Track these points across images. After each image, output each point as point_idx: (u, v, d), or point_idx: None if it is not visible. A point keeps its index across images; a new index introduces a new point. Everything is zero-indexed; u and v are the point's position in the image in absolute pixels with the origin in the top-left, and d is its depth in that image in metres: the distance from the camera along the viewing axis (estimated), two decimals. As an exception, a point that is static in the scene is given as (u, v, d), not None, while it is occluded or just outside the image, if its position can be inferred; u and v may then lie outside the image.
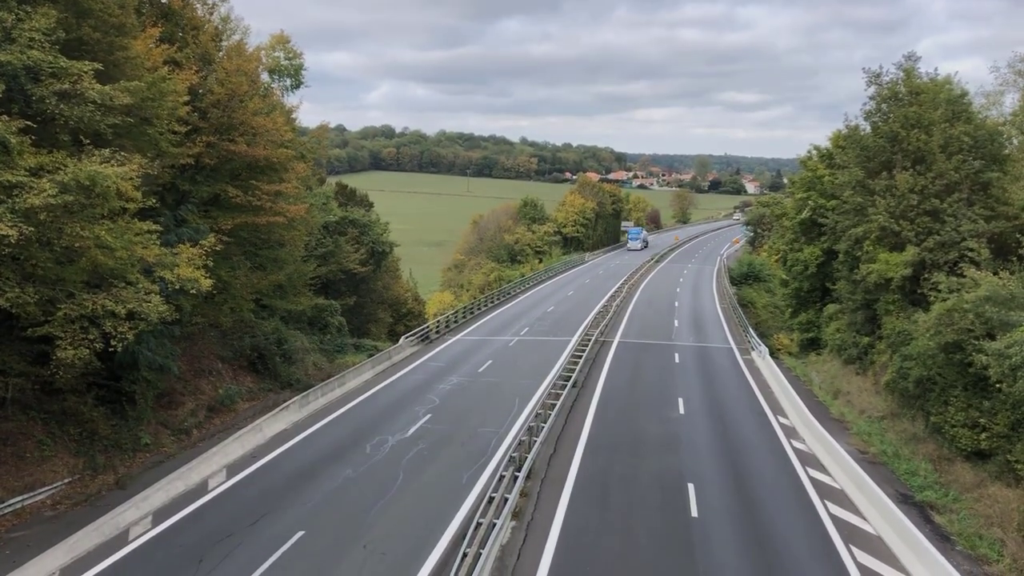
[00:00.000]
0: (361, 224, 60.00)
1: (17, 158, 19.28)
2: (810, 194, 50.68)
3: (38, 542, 20.89)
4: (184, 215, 31.22)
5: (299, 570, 19.66)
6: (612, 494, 24.85)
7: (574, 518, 22.81)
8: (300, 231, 40.71)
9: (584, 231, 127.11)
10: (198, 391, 33.97)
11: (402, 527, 22.30)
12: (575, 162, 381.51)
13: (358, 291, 58.95)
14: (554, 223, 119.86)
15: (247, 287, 36.22)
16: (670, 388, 39.06)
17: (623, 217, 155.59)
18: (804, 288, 53.49)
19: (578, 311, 64.12)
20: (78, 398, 27.66)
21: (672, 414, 34.25)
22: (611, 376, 41.37)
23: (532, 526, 22.22)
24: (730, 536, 21.86)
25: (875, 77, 39.69)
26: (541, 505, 23.77)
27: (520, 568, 19.66)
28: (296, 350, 42.02)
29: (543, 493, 24.74)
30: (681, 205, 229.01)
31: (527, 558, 20.21)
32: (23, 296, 19.29)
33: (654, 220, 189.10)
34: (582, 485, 25.46)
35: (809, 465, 28.08)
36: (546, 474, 26.42)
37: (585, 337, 50.32)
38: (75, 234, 19.62)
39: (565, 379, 38.18)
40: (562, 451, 28.82)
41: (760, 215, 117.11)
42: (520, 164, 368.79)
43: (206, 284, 24.05)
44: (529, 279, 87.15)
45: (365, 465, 27.39)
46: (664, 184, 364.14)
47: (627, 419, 33.30)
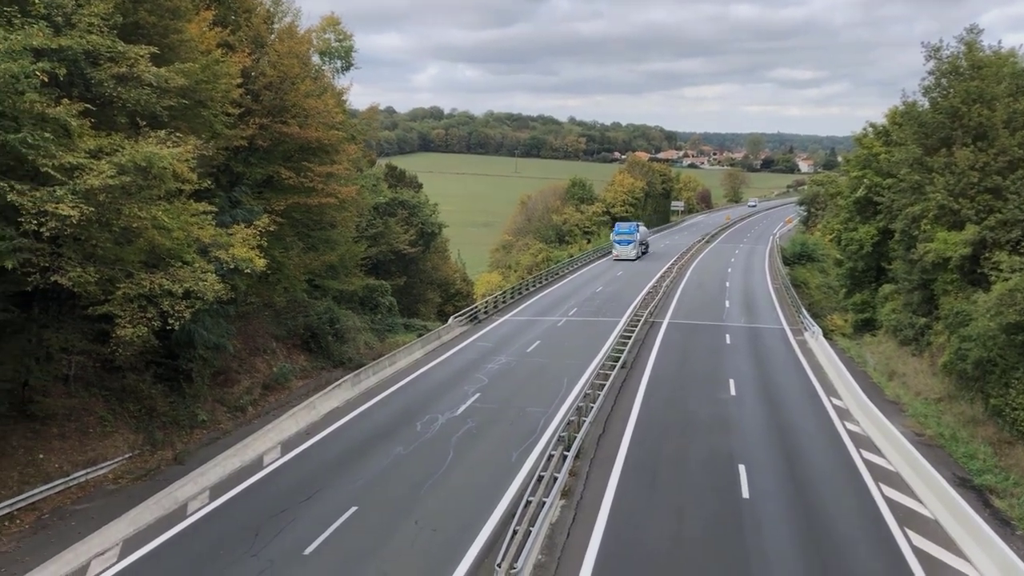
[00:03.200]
0: (410, 205, 60.43)
1: (77, 140, 19.75)
2: (865, 172, 49.63)
3: (101, 514, 21.57)
4: (238, 196, 31.72)
5: (352, 545, 19.99)
6: (662, 475, 24.78)
7: (623, 498, 22.80)
8: (351, 212, 41.14)
9: (633, 211, 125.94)
10: (253, 369, 34.63)
11: (452, 504, 22.53)
12: (624, 141, 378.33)
13: (408, 271, 59.48)
14: (603, 203, 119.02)
15: (300, 267, 36.74)
16: (721, 369, 38.70)
17: (673, 197, 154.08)
18: (859, 268, 52.50)
19: (627, 291, 63.77)
20: (137, 376, 28.40)
21: (723, 395, 33.96)
22: (661, 357, 41.13)
23: (581, 505, 22.28)
24: (782, 518, 21.66)
25: (935, 51, 38.59)
26: (590, 484, 23.80)
27: (570, 546, 19.74)
28: (348, 329, 42.53)
29: (592, 473, 24.76)
30: (732, 184, 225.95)
31: (577, 536, 20.28)
32: (84, 275, 19.80)
33: (704, 199, 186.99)
34: (631, 465, 25.42)
35: (863, 447, 27.65)
36: (595, 454, 26.42)
37: (634, 318, 50.04)
38: (133, 215, 20.06)
39: (614, 360, 38.06)
40: (611, 431, 28.79)
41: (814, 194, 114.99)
42: (568, 144, 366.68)
43: (260, 264, 24.41)
44: (577, 259, 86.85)
45: (416, 443, 27.69)
46: (715, 163, 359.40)
47: (677, 400, 33.11)
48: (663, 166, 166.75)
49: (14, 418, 24.12)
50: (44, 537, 20.47)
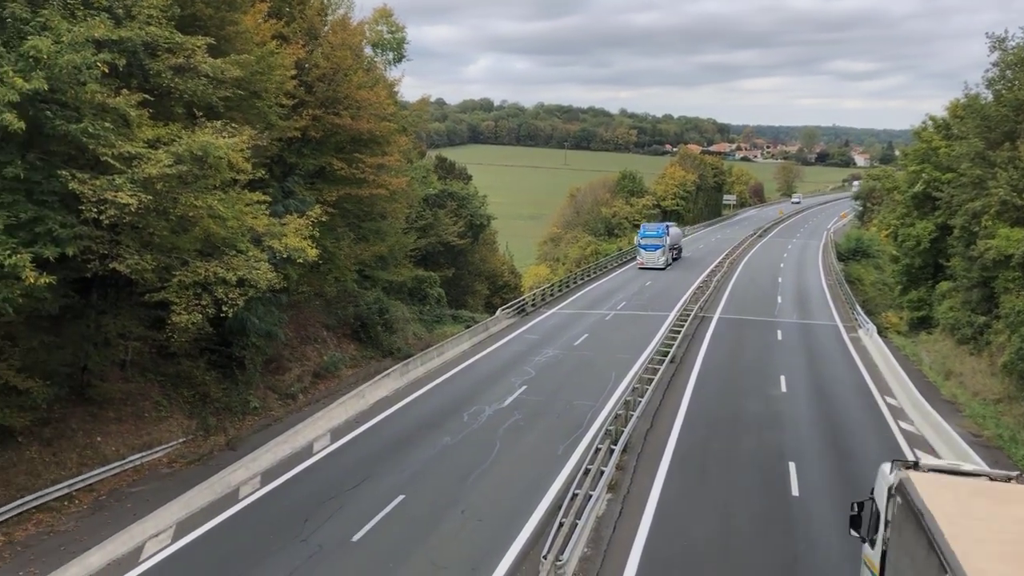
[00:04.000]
0: (460, 197, 60.59)
1: (136, 130, 20.16)
2: (924, 166, 48.42)
3: (156, 497, 22.06)
4: (291, 187, 32.12)
5: (400, 532, 20.16)
6: (710, 471, 24.54)
7: (670, 493, 22.63)
8: (401, 203, 41.43)
9: (684, 204, 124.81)
10: (304, 357, 35.10)
11: (499, 494, 22.59)
12: (676, 134, 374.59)
13: (456, 263, 59.67)
14: (653, 196, 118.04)
15: (351, 257, 37.13)
16: (772, 365, 38.18)
17: (725, 190, 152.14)
18: (915, 264, 51.30)
19: (677, 286, 63.24)
20: (192, 362, 28.98)
21: (773, 392, 33.50)
22: (710, 352, 40.72)
23: (628, 499, 22.17)
24: (832, 517, 21.25)
25: (999, 42, 37.47)
26: (637, 479, 23.67)
27: (616, 540, 19.66)
28: (397, 320, 42.87)
29: (639, 467, 24.62)
30: (786, 178, 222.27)
31: (623, 530, 20.19)
32: (142, 263, 20.23)
33: (757, 193, 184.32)
34: (679, 461, 25.22)
35: (917, 447, 27.06)
36: (642, 448, 26.26)
37: (684, 312, 49.61)
38: (189, 204, 20.42)
39: (663, 354, 37.77)
40: (659, 426, 28.59)
41: (870, 188, 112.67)
42: (619, 136, 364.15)
43: (312, 254, 24.68)
44: (626, 253, 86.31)
45: (463, 433, 27.82)
46: (768, 156, 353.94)
47: (726, 396, 32.75)
48: (715, 159, 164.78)
49: (73, 401, 24.79)
50: (101, 518, 21.01)
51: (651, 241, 75.27)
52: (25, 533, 19.97)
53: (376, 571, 18.22)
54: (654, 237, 75.29)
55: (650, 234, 75.92)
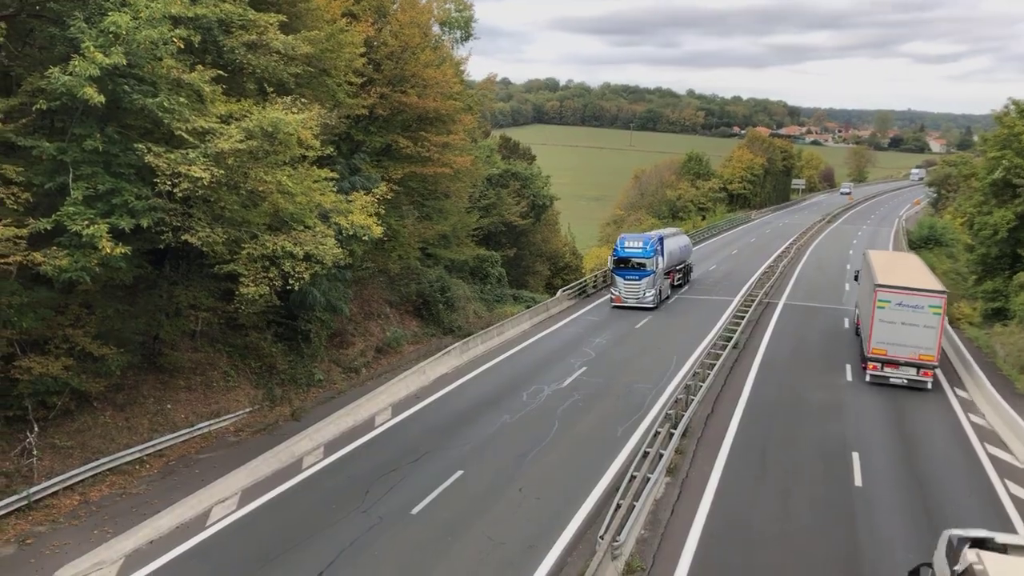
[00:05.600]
0: (523, 177, 60.49)
1: (209, 105, 20.61)
2: (1005, 153, 46.58)
3: (223, 464, 22.70)
4: (358, 164, 32.46)
5: (458, 507, 20.40)
6: (771, 458, 24.22)
7: (730, 479, 22.42)
8: (465, 182, 41.57)
9: (751, 188, 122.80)
10: (367, 332, 35.60)
11: (556, 474, 22.66)
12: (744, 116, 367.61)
13: (518, 243, 59.68)
14: (719, 179, 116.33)
15: (414, 235, 37.46)
16: (837, 354, 37.38)
17: (794, 174, 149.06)
18: (992, 254, 49.46)
19: (742, 270, 62.29)
20: (259, 334, 29.63)
21: (838, 380, 32.84)
22: (775, 339, 40.07)
23: (687, 483, 22.03)
24: (895, 508, 20.86)
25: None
26: (696, 463, 23.50)
27: (673, 523, 19.58)
28: (458, 298, 43.13)
29: (699, 452, 24.43)
30: (857, 163, 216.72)
31: (681, 514, 20.09)
32: (213, 235, 20.72)
33: (827, 178, 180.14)
34: (739, 447, 24.95)
35: (988, 441, 26.28)
36: (702, 433, 26.04)
37: (748, 297, 48.87)
38: (259, 178, 20.81)
39: (726, 339, 37.31)
40: (720, 411, 28.30)
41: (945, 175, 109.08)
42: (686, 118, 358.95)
43: (377, 231, 24.95)
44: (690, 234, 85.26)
45: (521, 412, 27.93)
46: (840, 140, 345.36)
47: (790, 383, 32.22)
48: (784, 142, 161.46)
49: (145, 369, 25.60)
50: (171, 482, 21.70)
51: (632, 263, 45.82)
52: (100, 494, 20.75)
53: (434, 544, 18.48)
54: (637, 256, 45.63)
55: (631, 251, 45.88)
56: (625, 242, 46.85)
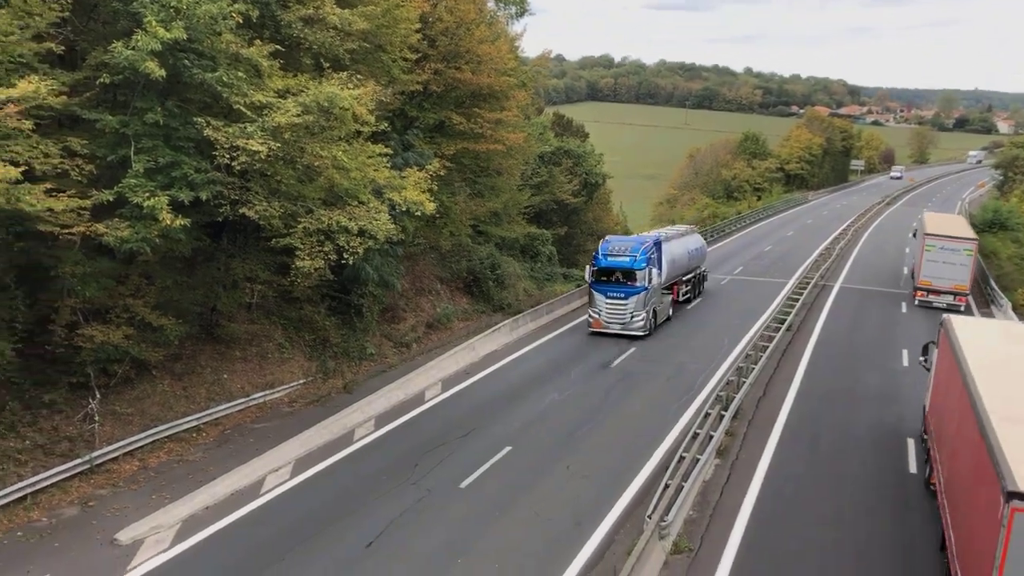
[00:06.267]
0: (575, 155, 60.04)
1: (267, 80, 20.83)
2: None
3: (276, 434, 23.15)
4: (411, 140, 32.55)
5: (505, 482, 20.53)
6: (823, 442, 23.89)
7: (780, 462, 22.17)
8: (517, 160, 41.41)
9: (809, 168, 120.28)
10: (418, 308, 35.87)
11: (604, 452, 22.66)
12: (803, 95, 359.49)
13: (569, 222, 59.38)
14: (776, 159, 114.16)
15: (466, 213, 37.51)
16: (894, 338, 36.64)
17: (853, 155, 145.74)
18: (1060, 240, 48.03)
19: (797, 252, 61.29)
20: (313, 308, 30.05)
21: (895, 365, 32.20)
22: (829, 322, 39.41)
23: (736, 465, 21.86)
24: (953, 498, 20.41)
25: None
26: (747, 446, 23.28)
27: (722, 505, 19.45)
28: (508, 276, 43.16)
29: (749, 435, 24.20)
30: (919, 144, 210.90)
31: (730, 496, 19.95)
32: (269, 209, 21.03)
33: (888, 159, 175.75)
34: (791, 430, 24.65)
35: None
36: (754, 416, 25.78)
37: (803, 280, 48.10)
38: (315, 153, 21.02)
39: (779, 321, 36.79)
40: (772, 394, 27.97)
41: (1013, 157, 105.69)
42: (743, 96, 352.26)
43: (430, 207, 25.04)
44: (745, 217, 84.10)
45: (570, 390, 27.95)
46: (902, 120, 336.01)
47: (844, 367, 31.71)
48: (844, 122, 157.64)
49: (203, 340, 26.14)
50: (226, 450, 22.19)
51: (617, 275, 35.19)
52: (158, 460, 21.32)
53: (481, 518, 18.64)
54: (624, 266, 35.11)
55: (616, 259, 35.45)
56: (608, 247, 35.82)
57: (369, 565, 16.56)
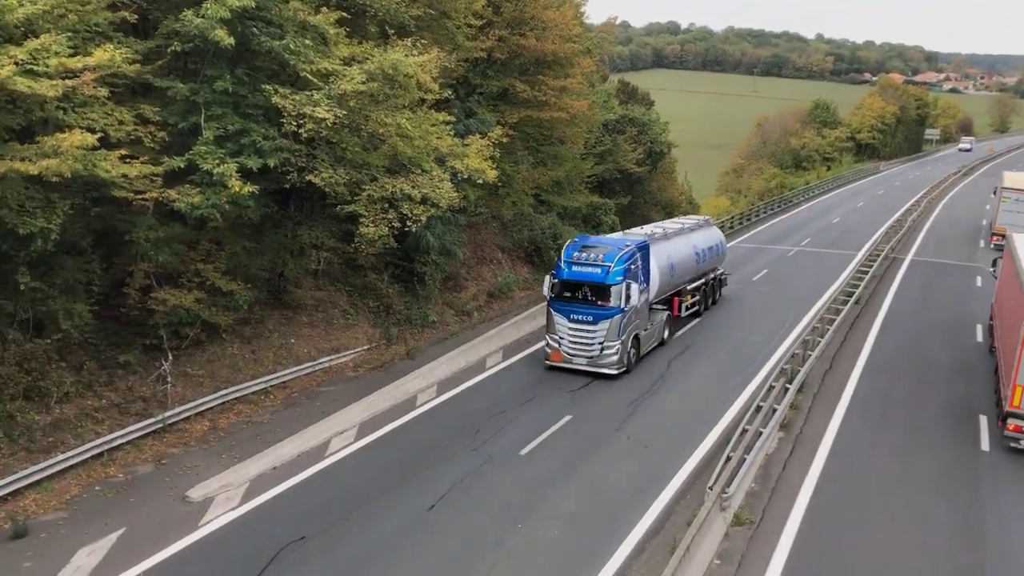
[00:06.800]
0: (640, 123, 59.20)
1: (333, 48, 21.00)
2: None
3: (341, 398, 23.61)
4: (474, 107, 32.52)
5: (565, 451, 20.60)
6: (891, 418, 23.37)
7: (846, 437, 21.78)
8: (581, 128, 41.09)
9: (881, 138, 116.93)
10: (480, 277, 36.04)
11: (665, 423, 22.57)
12: (877, 61, 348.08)
13: (632, 191, 58.72)
14: (847, 128, 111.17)
15: (528, 182, 37.44)
16: (967, 313, 35.52)
17: (928, 124, 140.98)
18: None
19: (867, 224, 59.74)
20: (377, 275, 30.43)
21: (967, 341, 31.26)
22: (900, 295, 38.40)
23: (800, 439, 21.55)
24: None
25: None
26: (811, 420, 22.92)
27: (785, 478, 19.22)
28: (571, 245, 42.99)
29: (814, 408, 23.81)
30: (1000, 112, 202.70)
31: (793, 470, 19.70)
32: (335, 176, 21.31)
33: (964, 129, 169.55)
34: (857, 405, 24.17)
35: None
36: (819, 390, 25.34)
37: (873, 252, 46.87)
38: (380, 121, 21.18)
39: (847, 294, 35.95)
40: (838, 368, 27.44)
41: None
42: (813, 63, 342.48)
43: (491, 175, 25.06)
44: (814, 187, 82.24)
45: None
46: (982, 88, 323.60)
47: (914, 342, 30.90)
48: (920, 89, 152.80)
49: (271, 305, 26.72)
50: (293, 413, 22.72)
51: (584, 291, 26.28)
52: (227, 422, 21.93)
53: (541, 485, 18.76)
54: (593, 279, 26.03)
55: (583, 270, 26.26)
56: (573, 252, 26.43)
57: (430, 527, 16.84)
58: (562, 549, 16.16)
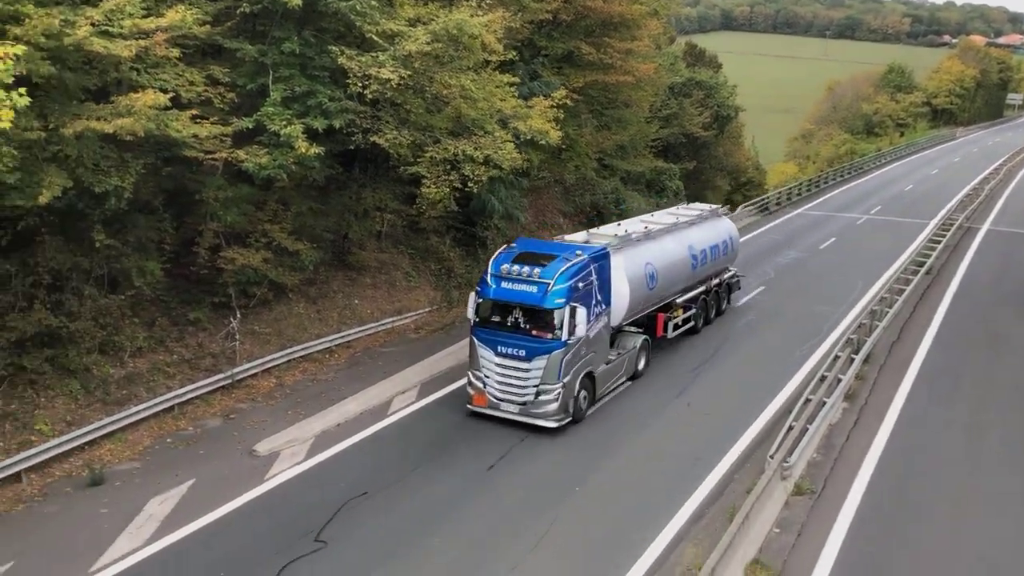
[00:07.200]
0: (707, 87, 58.15)
1: (398, 9, 21.00)
2: None
3: (403, 358, 23.96)
4: (538, 70, 32.25)
5: (625, 416, 20.60)
6: (961, 391, 22.76)
7: (913, 409, 21.29)
8: (647, 91, 40.47)
9: (959, 103, 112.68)
10: (541, 241, 35.96)
11: (726, 392, 22.38)
12: (957, 23, 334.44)
13: (698, 156, 57.82)
14: (923, 92, 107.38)
15: (591, 145, 37.09)
16: (1049, 286, 34.29)
17: (1011, 89, 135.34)
18: None
19: (941, 192, 57.88)
20: (438, 238, 30.64)
21: (1047, 315, 30.21)
22: (974, 266, 37.20)
23: (865, 410, 21.15)
24: (1104, 456, 19.17)
25: None
26: (877, 391, 22.45)
27: (848, 449, 18.91)
28: (632, 211, 42.52)
29: (880, 380, 23.31)
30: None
31: (856, 440, 19.36)
32: (399, 138, 21.42)
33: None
34: (926, 377, 23.57)
35: None
36: (886, 361, 24.78)
37: (947, 221, 45.40)
38: (444, 82, 21.17)
39: (918, 264, 34.95)
40: (907, 340, 26.77)
41: None
42: (889, 25, 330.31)
43: (555, 136, 24.88)
44: (886, 154, 79.84)
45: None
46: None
47: (987, 314, 29.96)
48: (1003, 52, 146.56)
49: (335, 266, 27.13)
50: (356, 372, 23.12)
51: (512, 315, 19.57)
52: (293, 379, 22.45)
53: (600, 449, 18.81)
54: (523, 302, 19.37)
55: (514, 288, 19.47)
56: (505, 263, 19.84)
57: (489, 487, 17.02)
58: (621, 509, 16.24)
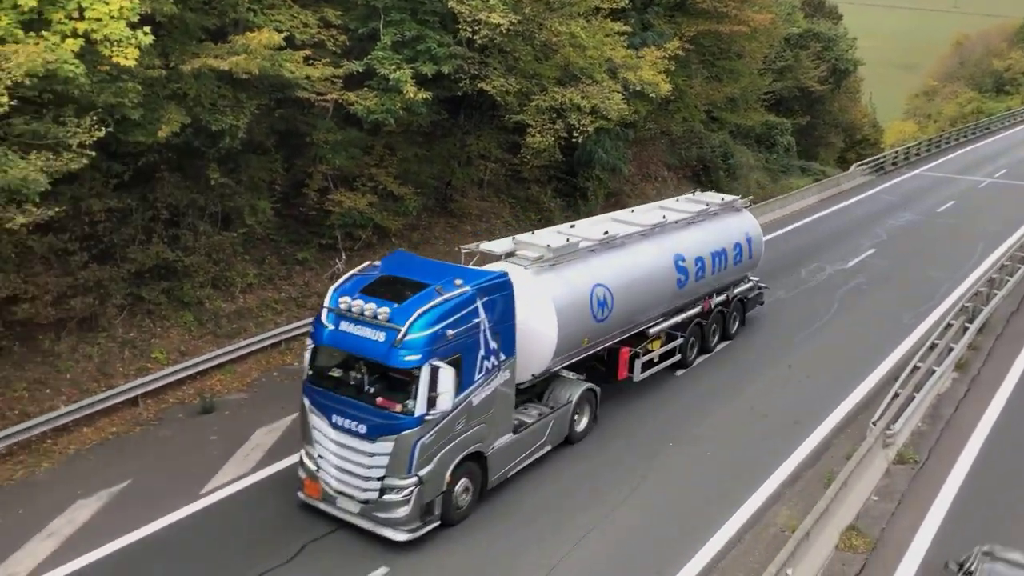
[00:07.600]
0: (825, 38, 55.70)
1: (509, -48, 20.78)
2: None
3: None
4: (650, 19, 31.52)
5: (724, 375, 20.40)
6: (1085, 367, 21.55)
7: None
8: (761, 42, 39.09)
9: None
10: (643, 194, 35.45)
11: (829, 356, 21.77)
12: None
13: (812, 111, 55.70)
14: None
15: (701, 97, 36.16)
16: None
17: None
18: None
19: (1075, 157, 54.27)
20: (540, 188, 30.59)
21: None
22: (1107, 235, 34.91)
23: (977, 381, 20.26)
24: None
25: None
26: (992, 362, 21.44)
27: (956, 420, 18.20)
28: (740, 165, 41.54)
29: (996, 350, 22.23)
30: None
31: (966, 412, 18.60)
32: (506, 85, 21.37)
33: None
34: (1047, 350, 22.40)
35: None
36: (1003, 331, 23.59)
37: (1080, 187, 42.68)
38: (553, 29, 20.94)
39: (1045, 232, 33.03)
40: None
41: None
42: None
43: (664, 88, 24.38)
44: (1016, 114, 75.04)
45: (798, 289, 26.88)
46: None
47: (1121, 287, 28.13)
48: None
49: (437, 212, 27.44)
50: (455, 317, 23.43)
51: (355, 371, 13.44)
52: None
53: (696, 406, 18.69)
54: (367, 354, 13.10)
55: (356, 333, 13.13)
56: (348, 295, 13.61)
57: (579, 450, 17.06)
58: (717, 464, 16.28)
